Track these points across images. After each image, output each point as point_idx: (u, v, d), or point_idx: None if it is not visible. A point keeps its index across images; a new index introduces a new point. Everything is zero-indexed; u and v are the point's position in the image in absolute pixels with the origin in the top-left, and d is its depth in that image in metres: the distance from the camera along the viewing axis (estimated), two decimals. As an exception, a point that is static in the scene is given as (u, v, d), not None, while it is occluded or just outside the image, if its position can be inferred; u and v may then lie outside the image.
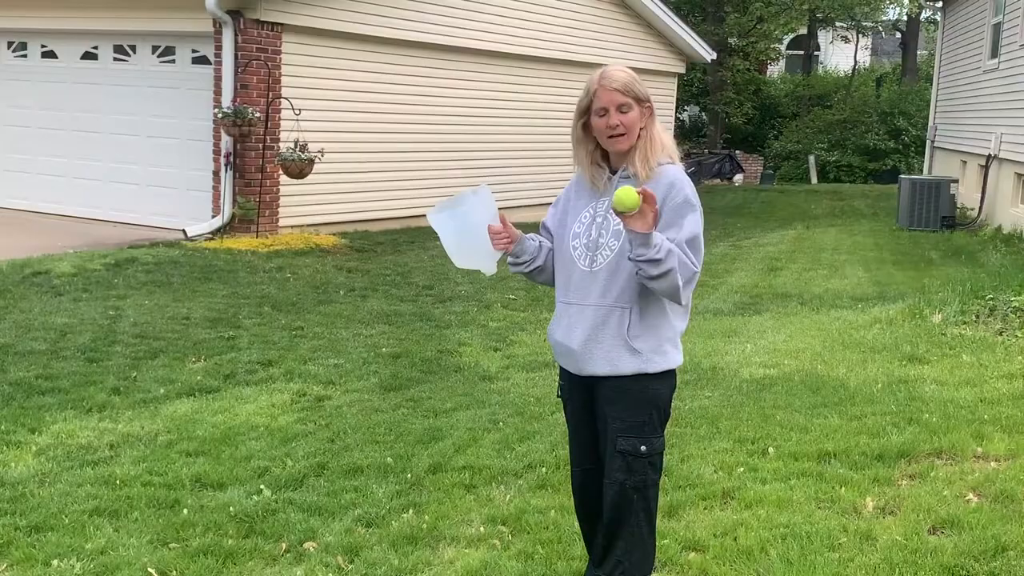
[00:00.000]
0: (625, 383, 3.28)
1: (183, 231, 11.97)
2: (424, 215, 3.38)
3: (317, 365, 7.07)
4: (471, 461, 5.03)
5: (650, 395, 3.28)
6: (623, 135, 3.27)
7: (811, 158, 28.30)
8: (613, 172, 3.34)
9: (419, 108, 14.50)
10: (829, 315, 8.76)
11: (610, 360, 3.28)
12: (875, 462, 4.90)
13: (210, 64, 12.17)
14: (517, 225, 3.52)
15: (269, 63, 12.06)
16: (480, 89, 15.60)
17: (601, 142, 3.33)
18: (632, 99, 3.27)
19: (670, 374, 3.33)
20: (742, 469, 4.86)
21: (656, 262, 3.07)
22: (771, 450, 5.09)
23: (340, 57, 13.12)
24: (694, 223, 3.20)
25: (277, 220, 12.51)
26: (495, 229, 3.35)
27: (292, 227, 12.65)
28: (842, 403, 5.90)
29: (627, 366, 3.26)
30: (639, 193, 3.01)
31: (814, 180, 27.85)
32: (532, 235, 3.51)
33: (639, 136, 3.29)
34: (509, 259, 3.47)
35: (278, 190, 12.44)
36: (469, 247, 3.40)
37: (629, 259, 3.13)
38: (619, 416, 3.29)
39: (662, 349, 3.29)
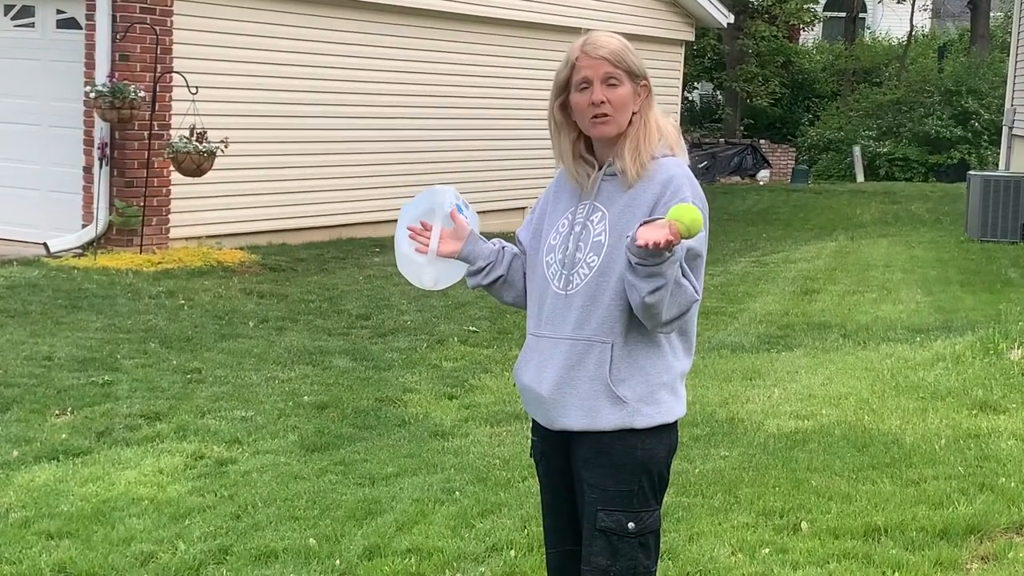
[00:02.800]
0: (606, 441, 3.29)
1: (44, 245, 11.90)
2: (360, 223, 3.50)
3: (218, 418, 7.03)
4: (418, 542, 5.02)
5: (639, 456, 3.29)
6: (609, 116, 3.30)
7: (856, 149, 28.57)
8: (600, 167, 3.37)
9: (359, 87, 14.53)
10: (879, 351, 8.83)
11: (587, 410, 3.29)
12: (937, 540, 4.93)
13: (80, 29, 12.13)
14: (492, 236, 3.56)
15: (157, 27, 12.04)
16: (439, 62, 15.66)
17: (581, 125, 3.35)
18: (624, 72, 3.30)
19: (667, 429, 3.33)
20: (768, 550, 4.88)
21: (657, 274, 3.09)
22: (804, 525, 5.12)
23: (252, 20, 13.12)
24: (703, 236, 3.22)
25: (167, 230, 12.46)
26: (415, 228, 3.48)
27: (187, 239, 12.61)
28: (895, 464, 5.94)
29: (608, 419, 3.27)
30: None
31: (860, 177, 28.12)
32: (496, 239, 3.54)
33: (631, 122, 3.32)
34: (468, 269, 3.51)
35: (169, 191, 12.40)
36: (400, 248, 3.56)
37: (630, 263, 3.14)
38: (599, 483, 3.29)
39: (655, 397, 3.29)
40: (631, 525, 3.28)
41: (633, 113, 3.32)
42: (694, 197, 3.25)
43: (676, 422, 3.36)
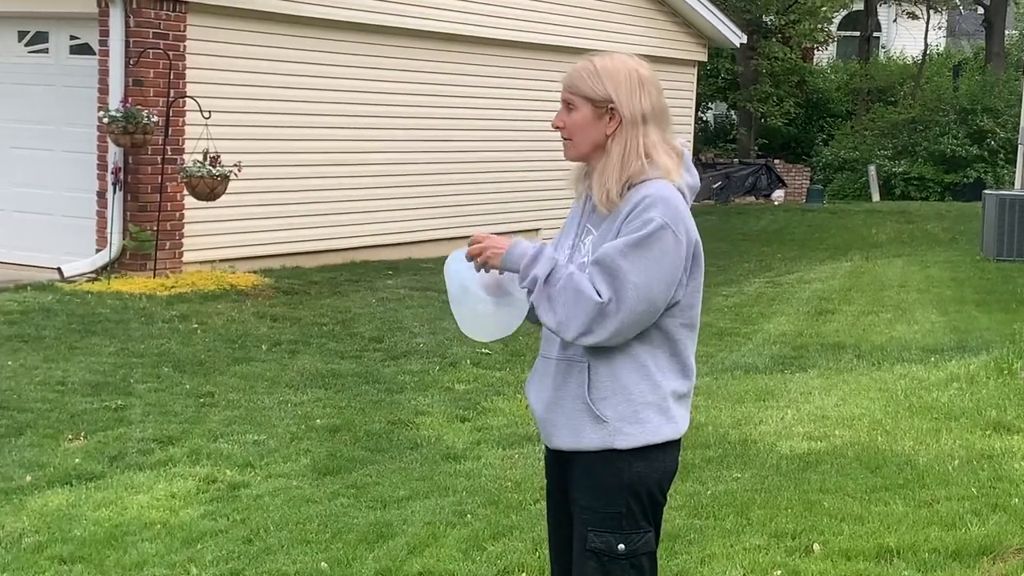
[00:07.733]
0: (592, 461, 3.30)
1: (58, 270, 11.95)
2: (374, 246, 3.50)
3: (231, 442, 7.06)
4: (430, 565, 5.04)
5: (625, 479, 3.28)
6: (568, 140, 3.36)
7: (871, 169, 28.54)
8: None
9: (372, 110, 14.57)
10: (893, 371, 8.83)
11: (572, 430, 3.32)
12: (950, 561, 4.94)
13: (94, 54, 12.22)
14: None
15: (170, 52, 12.12)
16: (453, 84, 15.70)
17: None
18: (578, 96, 3.31)
19: (657, 450, 3.30)
20: (779, 572, 4.88)
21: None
22: (817, 547, 5.13)
23: (265, 44, 13.19)
24: (634, 244, 3.15)
25: (181, 254, 12.51)
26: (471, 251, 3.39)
27: (200, 263, 12.66)
28: (908, 485, 5.95)
29: (591, 438, 3.29)
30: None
31: (875, 197, 28.09)
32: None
33: (603, 148, 3.30)
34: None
35: (182, 216, 12.46)
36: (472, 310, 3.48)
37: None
38: (589, 505, 3.31)
39: (638, 416, 3.27)
40: (621, 547, 3.29)
41: (607, 138, 3.30)
42: (661, 216, 3.18)
43: (671, 443, 3.33)
